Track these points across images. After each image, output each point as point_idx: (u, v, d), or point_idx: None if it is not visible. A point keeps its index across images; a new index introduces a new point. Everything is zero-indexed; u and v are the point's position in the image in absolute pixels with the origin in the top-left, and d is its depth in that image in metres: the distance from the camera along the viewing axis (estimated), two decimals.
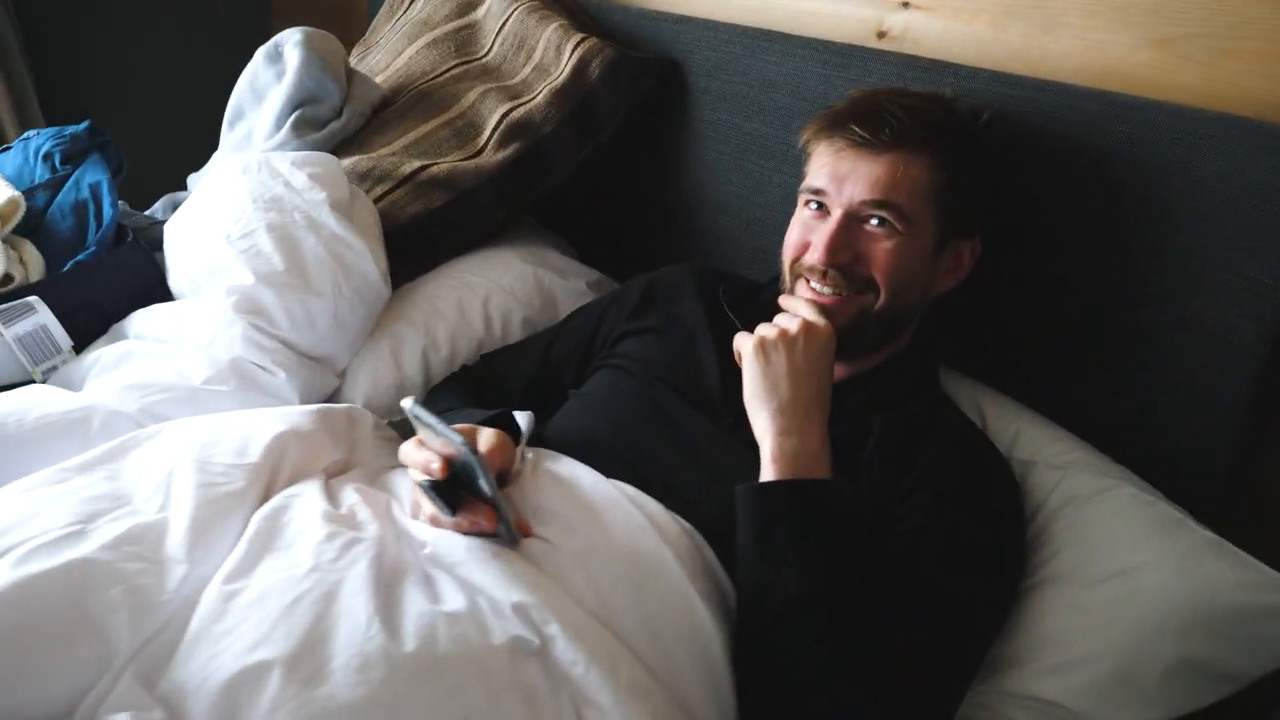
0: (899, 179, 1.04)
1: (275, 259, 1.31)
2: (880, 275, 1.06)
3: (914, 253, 1.07)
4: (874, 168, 1.05)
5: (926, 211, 1.06)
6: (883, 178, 1.04)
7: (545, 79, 1.57)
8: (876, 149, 1.05)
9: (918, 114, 1.06)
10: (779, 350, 1.01)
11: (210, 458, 0.99)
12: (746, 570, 0.95)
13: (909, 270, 1.07)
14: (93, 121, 1.72)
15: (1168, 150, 1.03)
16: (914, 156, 1.05)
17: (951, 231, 1.09)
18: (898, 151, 1.05)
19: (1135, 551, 1.00)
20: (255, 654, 0.78)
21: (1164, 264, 1.05)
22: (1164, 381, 1.08)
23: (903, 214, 1.05)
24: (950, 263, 1.12)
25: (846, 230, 1.06)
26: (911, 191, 1.05)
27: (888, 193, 1.04)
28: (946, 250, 1.10)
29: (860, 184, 1.05)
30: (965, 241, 1.12)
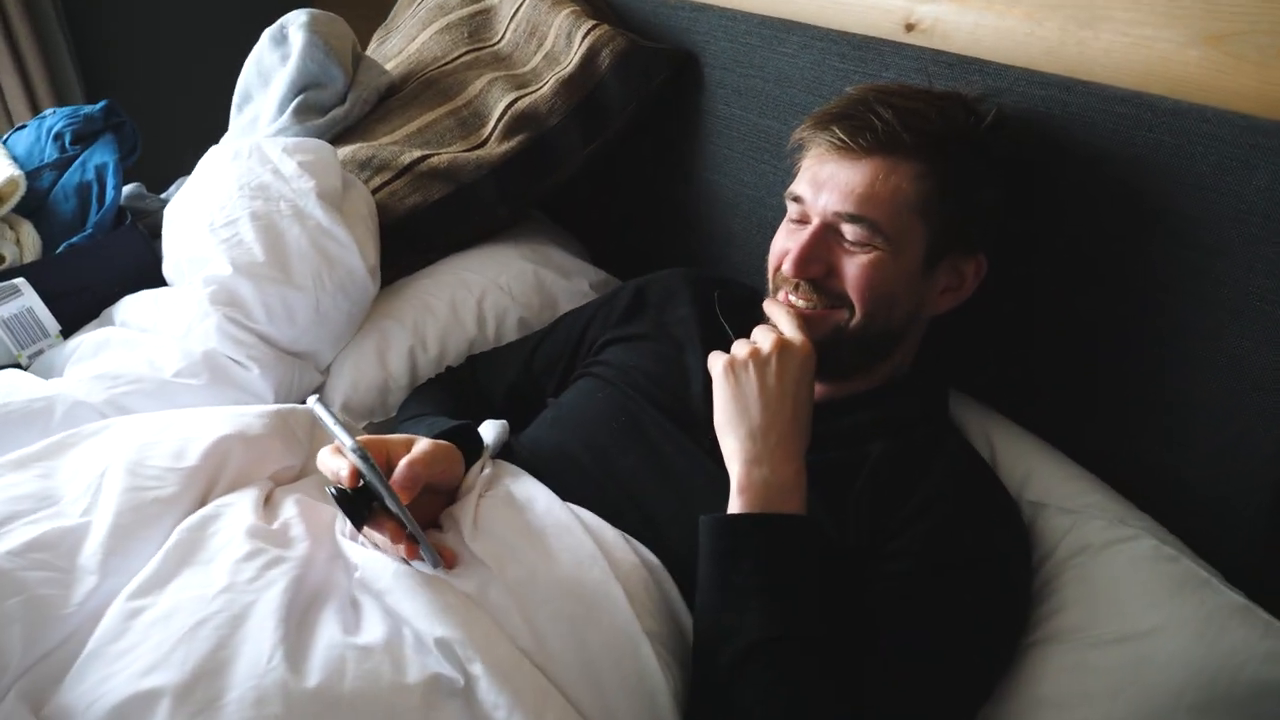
0: (876, 190, 0.94)
1: (256, 249, 1.26)
2: (854, 291, 0.97)
3: (895, 271, 0.96)
4: (851, 176, 0.96)
5: (913, 225, 0.96)
6: (859, 187, 0.95)
7: (554, 68, 1.49)
8: (856, 155, 0.96)
9: (908, 115, 0.95)
10: (749, 371, 0.92)
11: (145, 459, 0.93)
12: (703, 613, 0.86)
13: (886, 289, 0.97)
14: (112, 101, 1.69)
15: (1205, 161, 0.91)
16: (899, 164, 0.95)
17: (947, 247, 0.98)
18: (880, 158, 0.95)
19: (1151, 612, 0.89)
20: (147, 680, 0.72)
21: (1198, 291, 0.94)
22: (1193, 423, 0.96)
23: (879, 229, 0.95)
24: (948, 280, 1.01)
25: (821, 242, 0.97)
26: (893, 203, 0.95)
27: (862, 205, 0.95)
28: (940, 267, 1.00)
29: (836, 193, 0.96)
30: (967, 259, 1.01)
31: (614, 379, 1.11)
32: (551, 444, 1.07)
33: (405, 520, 0.80)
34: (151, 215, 1.73)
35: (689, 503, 0.97)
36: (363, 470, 0.78)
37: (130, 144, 1.70)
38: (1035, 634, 0.94)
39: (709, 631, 0.85)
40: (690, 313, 1.16)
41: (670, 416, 1.05)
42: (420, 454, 0.85)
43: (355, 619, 0.81)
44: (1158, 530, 0.96)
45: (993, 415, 1.11)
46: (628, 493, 1.00)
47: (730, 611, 0.84)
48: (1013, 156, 1.01)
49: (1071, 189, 1.02)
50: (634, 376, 1.10)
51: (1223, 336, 0.93)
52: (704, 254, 1.50)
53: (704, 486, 0.98)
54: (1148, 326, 0.99)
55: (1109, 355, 1.02)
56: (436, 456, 0.88)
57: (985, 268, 1.02)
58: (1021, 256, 1.07)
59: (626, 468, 1.02)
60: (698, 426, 1.03)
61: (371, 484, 0.79)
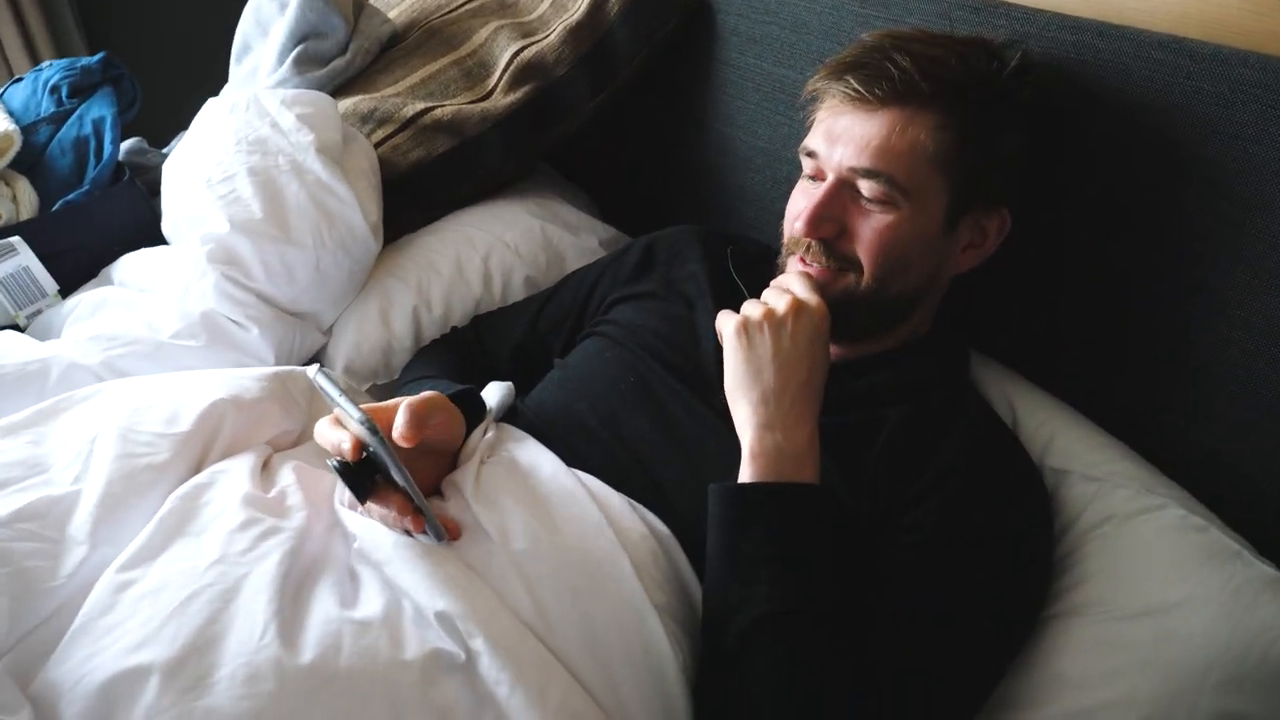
0: (893, 142, 0.89)
1: (254, 206, 1.22)
2: (866, 255, 0.92)
3: (913, 231, 0.91)
4: (867, 128, 0.90)
5: (932, 180, 0.91)
6: (874, 140, 0.89)
7: (561, 15, 1.43)
8: (871, 105, 0.90)
9: (927, 62, 0.89)
10: (763, 332, 0.87)
11: (137, 425, 0.90)
12: (713, 585, 0.83)
13: (902, 251, 0.92)
14: (110, 53, 1.64)
15: (1247, 110, 0.86)
16: (917, 114, 0.89)
17: (969, 202, 0.93)
18: (897, 108, 0.89)
19: (1178, 584, 0.86)
20: (136, 655, 0.70)
21: (1234, 248, 0.89)
22: (1226, 387, 0.92)
23: (897, 184, 0.89)
24: (970, 237, 0.96)
25: (836, 200, 0.92)
26: (911, 157, 0.89)
27: (879, 158, 0.89)
28: (963, 224, 0.95)
29: (851, 146, 0.91)
30: (991, 214, 0.96)
31: (622, 339, 1.07)
32: (558, 406, 1.04)
33: (412, 492, 0.77)
34: (152, 171, 1.69)
35: (698, 468, 0.94)
36: (370, 442, 0.75)
37: (129, 97, 1.65)
38: (1056, 606, 0.91)
39: (718, 603, 0.82)
40: (700, 269, 1.12)
41: (680, 377, 1.02)
42: (417, 400, 0.82)
43: (353, 592, 0.79)
44: (1186, 499, 0.92)
45: (1014, 377, 1.07)
46: (636, 456, 0.96)
47: (740, 583, 0.81)
48: (1039, 104, 0.96)
49: (1103, 139, 0.97)
50: (643, 336, 1.06)
51: (1258, 296, 0.88)
52: (715, 209, 1.45)
53: (714, 451, 0.94)
54: (1180, 283, 0.94)
55: (1137, 313, 0.98)
56: (434, 404, 0.84)
57: (1009, 223, 0.97)
58: (1048, 209, 1.02)
59: (635, 430, 0.98)
60: (709, 387, 0.99)
61: (378, 456, 0.76)
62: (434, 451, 0.89)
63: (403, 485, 0.77)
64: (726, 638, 0.80)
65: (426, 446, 0.88)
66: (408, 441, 0.80)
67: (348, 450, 0.78)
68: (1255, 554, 0.87)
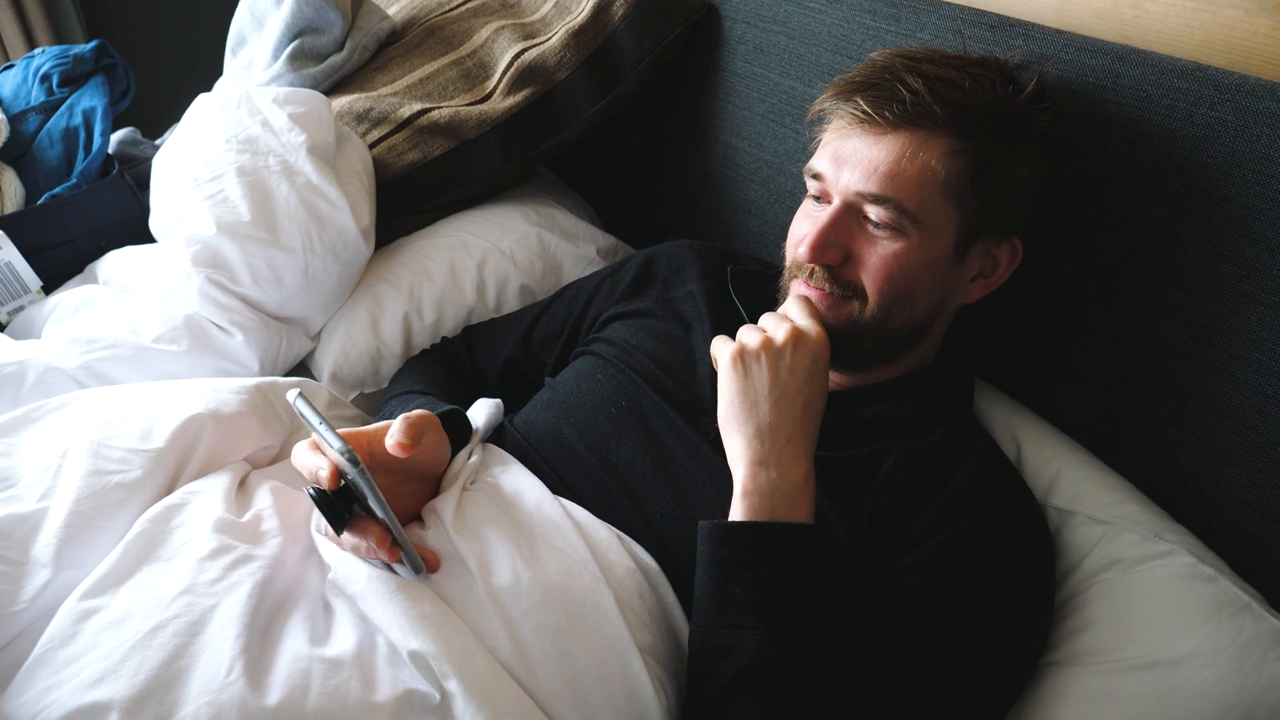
0: (903, 167, 0.86)
1: (242, 207, 1.19)
2: (871, 283, 0.89)
3: (922, 260, 0.88)
4: (876, 152, 0.87)
5: (943, 208, 0.87)
6: (884, 164, 0.86)
7: (564, 17, 1.40)
8: (881, 129, 0.87)
9: (940, 84, 0.86)
10: (761, 363, 0.84)
11: (110, 439, 0.87)
12: (699, 627, 0.80)
13: (909, 281, 0.88)
14: (104, 41, 1.61)
15: (1273, 145, 0.82)
16: (928, 139, 0.86)
17: (980, 231, 0.90)
18: (908, 132, 0.86)
19: (1185, 636, 0.82)
20: (95, 691, 0.67)
21: (1255, 291, 0.85)
22: (1241, 431, 0.88)
23: (907, 211, 0.86)
24: (980, 267, 0.93)
25: (842, 225, 0.89)
26: (922, 183, 0.86)
27: (888, 184, 0.86)
28: (972, 253, 0.91)
29: (859, 170, 0.87)
30: (1002, 243, 0.93)
31: (616, 359, 1.04)
32: (546, 428, 1.00)
33: (390, 524, 0.74)
34: (144, 162, 1.66)
35: (689, 500, 0.91)
36: (349, 472, 0.71)
37: (122, 87, 1.62)
38: (1057, 653, 0.88)
39: (703, 648, 0.79)
40: (699, 289, 1.08)
41: (674, 403, 0.98)
42: (416, 414, 0.79)
43: (325, 626, 0.76)
44: (1196, 546, 0.88)
45: (1020, 410, 1.03)
46: (624, 486, 0.93)
47: (727, 627, 0.78)
48: (1055, 130, 0.92)
49: (1121, 169, 0.93)
50: (636, 357, 1.03)
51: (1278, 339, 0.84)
52: (718, 221, 1.41)
53: (706, 483, 0.91)
54: (1197, 322, 0.90)
55: (1151, 353, 0.94)
56: (429, 423, 0.81)
57: (1021, 252, 0.93)
58: (1059, 240, 0.99)
59: (624, 458, 0.95)
60: (703, 414, 0.96)
61: (357, 486, 0.73)
62: (419, 477, 0.86)
63: (381, 517, 0.74)
64: (711, 685, 0.77)
65: (412, 471, 0.85)
66: (403, 451, 0.77)
67: (325, 478, 0.74)
68: (1266, 606, 0.83)
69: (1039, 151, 0.91)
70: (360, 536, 0.76)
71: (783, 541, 0.79)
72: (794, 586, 0.78)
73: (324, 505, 0.74)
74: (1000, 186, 0.88)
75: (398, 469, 0.83)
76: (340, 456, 0.71)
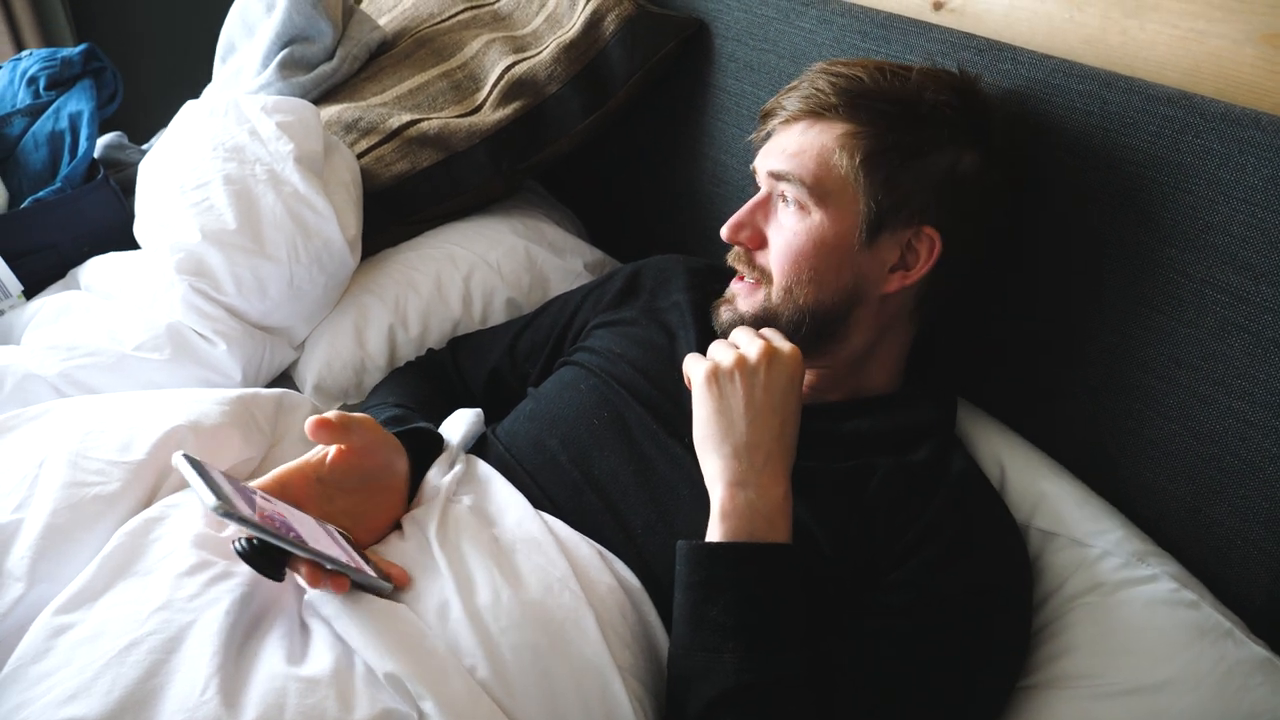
0: (804, 145, 0.92)
1: (227, 216, 1.18)
2: (775, 263, 0.94)
3: (824, 239, 0.91)
4: (784, 138, 0.94)
5: (844, 187, 0.90)
6: (790, 146, 0.93)
7: (556, 31, 1.40)
8: (790, 119, 0.95)
9: (842, 80, 0.92)
10: (735, 382, 0.84)
11: (88, 450, 0.86)
12: (678, 650, 0.79)
13: (810, 259, 0.91)
14: (92, 44, 1.60)
15: (1258, 174, 0.82)
16: (830, 124, 0.92)
17: (887, 216, 0.90)
18: (810, 119, 0.93)
19: (1165, 662, 0.83)
20: (68, 708, 0.66)
21: (1239, 318, 0.85)
22: (1224, 458, 0.88)
23: (805, 184, 0.91)
24: (897, 256, 0.92)
25: (761, 209, 0.96)
26: (818, 158, 0.91)
27: (790, 162, 0.92)
28: (884, 241, 0.91)
29: (770, 155, 0.95)
30: (920, 235, 0.92)
31: (599, 368, 1.03)
32: (529, 439, 0.99)
33: (312, 556, 0.72)
34: (130, 167, 1.65)
35: (670, 515, 0.90)
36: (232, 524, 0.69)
37: (110, 91, 1.61)
38: (1037, 676, 0.87)
39: (682, 670, 0.78)
40: (685, 299, 1.08)
41: (656, 414, 0.97)
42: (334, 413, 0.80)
43: (302, 646, 0.75)
44: (1178, 571, 0.88)
45: (1004, 431, 1.04)
46: (605, 497, 0.92)
47: (705, 651, 0.77)
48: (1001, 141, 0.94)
49: (1106, 194, 0.93)
50: (620, 366, 1.02)
51: (1260, 367, 0.85)
52: (707, 237, 1.41)
53: (688, 497, 0.90)
54: (1180, 349, 0.91)
55: (1135, 377, 0.94)
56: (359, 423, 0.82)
57: (939, 245, 0.92)
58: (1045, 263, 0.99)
59: (606, 471, 0.94)
60: (687, 424, 0.95)
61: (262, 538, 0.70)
62: (381, 487, 0.86)
63: (306, 556, 0.72)
64: (690, 708, 0.76)
65: (371, 482, 0.85)
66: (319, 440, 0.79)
67: (243, 535, 0.72)
68: (1247, 632, 0.84)
69: (959, 145, 0.91)
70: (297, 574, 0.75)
71: (761, 563, 0.79)
72: (773, 608, 0.78)
73: (250, 561, 0.72)
74: (905, 172, 0.90)
75: (354, 484, 0.83)
76: (214, 513, 0.67)
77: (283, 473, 0.79)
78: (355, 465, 0.83)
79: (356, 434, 0.82)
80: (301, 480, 0.79)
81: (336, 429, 0.80)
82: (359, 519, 0.83)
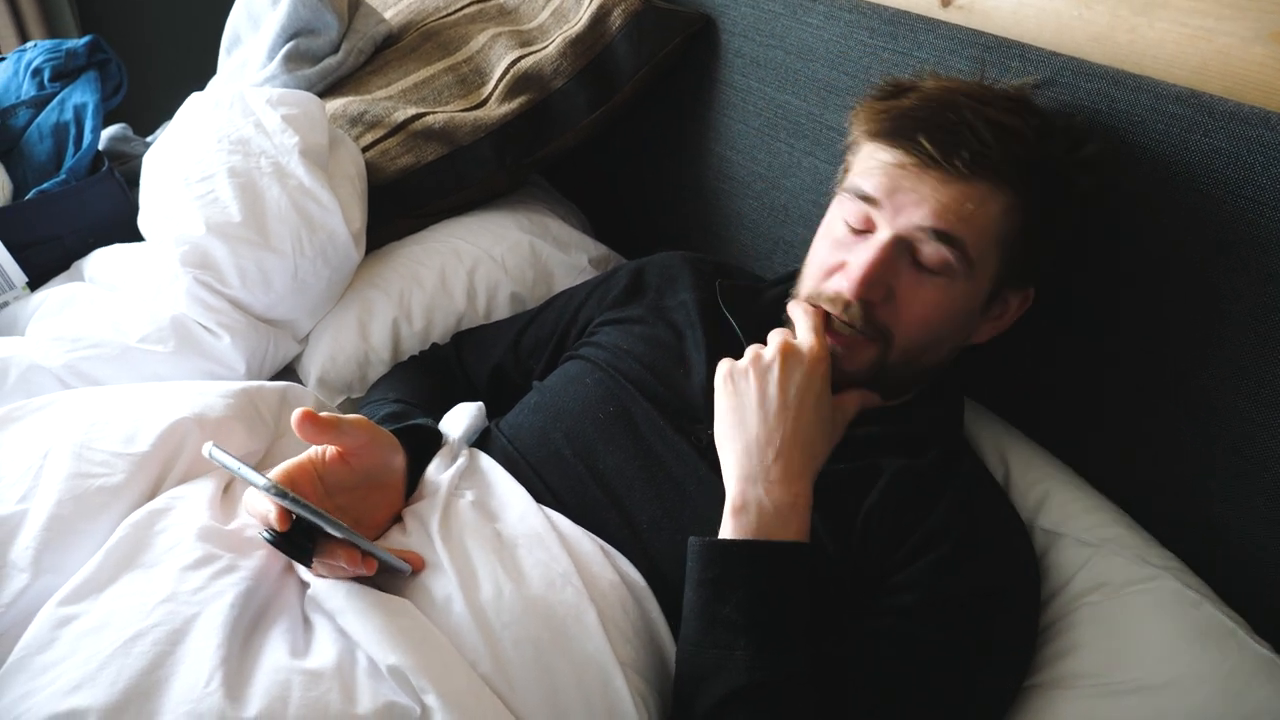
0: (973, 212, 0.83)
1: (232, 208, 1.18)
2: (907, 323, 0.87)
3: (961, 307, 0.88)
4: (942, 193, 0.84)
5: (992, 257, 0.87)
6: (953, 206, 0.83)
7: (562, 26, 1.39)
8: (948, 174, 0.83)
9: (1005, 135, 0.84)
10: (748, 378, 0.84)
11: (93, 441, 0.86)
12: (687, 646, 0.79)
13: (944, 326, 0.88)
14: (97, 36, 1.60)
15: (1266, 174, 0.82)
16: (995, 191, 0.84)
17: (1011, 282, 0.90)
18: (975, 183, 0.83)
19: (1170, 662, 0.82)
20: (73, 698, 0.66)
21: (1246, 318, 0.85)
22: (1230, 459, 0.88)
23: (967, 256, 0.84)
24: (996, 311, 0.93)
25: (891, 261, 0.86)
26: (983, 230, 0.84)
27: (957, 225, 0.84)
28: (995, 301, 0.91)
29: (924, 208, 0.84)
30: (1018, 291, 0.93)
31: (605, 363, 1.03)
32: (533, 432, 0.99)
33: (354, 539, 0.73)
34: (134, 159, 1.65)
35: (675, 509, 0.90)
36: (286, 505, 0.70)
37: (115, 83, 1.60)
38: (1042, 675, 0.87)
39: (692, 667, 0.78)
40: (691, 298, 1.08)
41: (663, 409, 0.97)
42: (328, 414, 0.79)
43: (305, 640, 0.75)
44: (1182, 571, 0.88)
45: (1010, 431, 1.04)
46: (610, 492, 0.92)
47: (716, 648, 0.77)
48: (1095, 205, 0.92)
49: (1115, 193, 0.93)
50: (627, 362, 1.02)
51: (1268, 367, 0.84)
52: (711, 233, 1.41)
53: (694, 493, 0.90)
54: (1188, 352, 0.91)
55: (1143, 379, 0.94)
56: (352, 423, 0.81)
57: (1031, 298, 0.93)
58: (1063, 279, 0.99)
59: (611, 464, 0.94)
60: (694, 421, 0.95)
61: (306, 518, 0.71)
62: (378, 484, 0.85)
63: (342, 536, 0.73)
64: (700, 705, 0.76)
65: (369, 479, 0.84)
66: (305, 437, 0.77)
67: (275, 520, 0.73)
68: (1250, 633, 0.84)
69: (1078, 214, 0.91)
70: (329, 560, 0.75)
71: (773, 561, 0.79)
72: (784, 606, 0.78)
73: (282, 546, 0.73)
74: (1038, 244, 0.89)
75: (353, 483, 0.83)
76: (268, 493, 0.69)
77: (289, 468, 0.79)
78: (356, 465, 0.82)
79: (349, 435, 0.80)
80: (305, 475, 0.79)
81: (326, 428, 0.78)
82: (358, 516, 0.83)
